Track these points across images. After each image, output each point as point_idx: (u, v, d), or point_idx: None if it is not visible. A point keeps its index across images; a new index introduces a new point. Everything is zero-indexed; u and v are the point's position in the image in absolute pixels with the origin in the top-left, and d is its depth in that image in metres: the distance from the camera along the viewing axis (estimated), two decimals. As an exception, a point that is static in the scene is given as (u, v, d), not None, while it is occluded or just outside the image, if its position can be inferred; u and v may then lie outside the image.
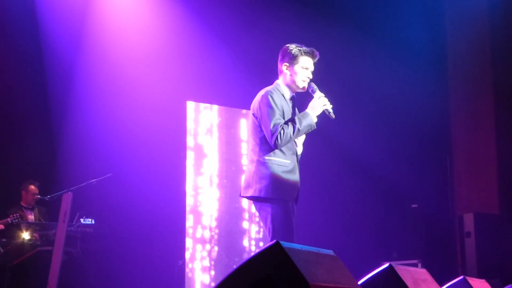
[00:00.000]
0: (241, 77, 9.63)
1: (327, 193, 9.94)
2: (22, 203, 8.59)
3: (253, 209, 9.66)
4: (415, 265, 8.65)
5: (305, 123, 4.68)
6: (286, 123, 4.68)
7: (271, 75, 5.09)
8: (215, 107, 9.70)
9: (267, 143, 4.71)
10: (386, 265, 4.11)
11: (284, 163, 4.72)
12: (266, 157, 4.70)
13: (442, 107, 10.39)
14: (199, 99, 9.60)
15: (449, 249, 9.84)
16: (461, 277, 5.28)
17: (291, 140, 4.71)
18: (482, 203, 9.57)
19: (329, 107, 4.79)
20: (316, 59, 4.90)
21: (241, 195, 4.84)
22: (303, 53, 4.83)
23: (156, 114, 9.26)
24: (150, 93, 9.27)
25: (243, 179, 4.86)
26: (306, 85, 4.85)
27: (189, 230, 9.19)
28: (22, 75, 8.94)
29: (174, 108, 9.38)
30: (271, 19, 9.76)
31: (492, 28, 9.85)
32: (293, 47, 4.85)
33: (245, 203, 9.59)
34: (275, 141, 4.63)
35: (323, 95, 4.80)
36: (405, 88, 10.13)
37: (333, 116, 4.80)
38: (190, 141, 9.38)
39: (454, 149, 10.23)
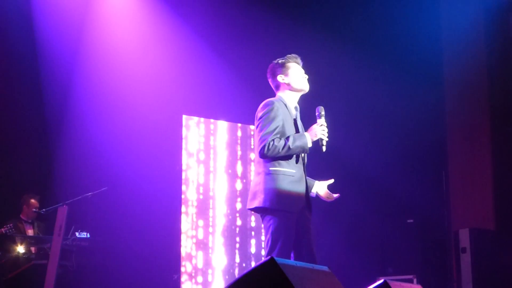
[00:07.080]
0: (237, 92, 9.64)
1: (322, 208, 9.92)
2: (22, 217, 8.50)
3: (253, 224, 9.68)
4: (411, 281, 8.63)
5: (298, 143, 4.66)
6: (280, 137, 4.66)
7: (269, 89, 5.10)
8: (211, 121, 9.69)
9: None
10: (381, 281, 4.11)
11: (290, 173, 4.70)
12: (271, 168, 4.67)
13: (438, 123, 10.39)
14: (195, 113, 9.60)
15: (445, 264, 9.81)
16: (456, 293, 5.28)
17: (279, 155, 4.64)
18: (478, 218, 9.55)
19: (325, 138, 4.77)
20: (301, 62, 4.98)
21: (247, 207, 4.83)
22: (290, 60, 4.93)
23: (152, 128, 9.26)
24: (146, 106, 9.28)
25: (249, 191, 4.84)
26: (307, 86, 4.90)
27: (185, 244, 9.16)
28: (17, 86, 8.92)
29: (170, 122, 9.39)
30: (269, 33, 9.78)
31: (488, 44, 9.88)
32: (278, 60, 4.95)
33: (242, 218, 9.56)
34: (260, 150, 4.63)
35: (326, 124, 4.80)
36: (401, 104, 10.13)
37: (324, 150, 4.78)
38: (185, 155, 9.37)
39: (450, 164, 10.22)
